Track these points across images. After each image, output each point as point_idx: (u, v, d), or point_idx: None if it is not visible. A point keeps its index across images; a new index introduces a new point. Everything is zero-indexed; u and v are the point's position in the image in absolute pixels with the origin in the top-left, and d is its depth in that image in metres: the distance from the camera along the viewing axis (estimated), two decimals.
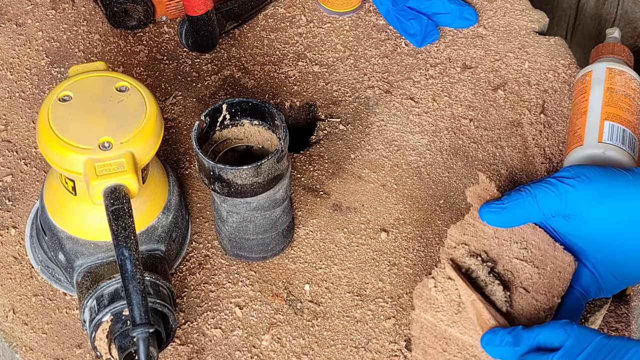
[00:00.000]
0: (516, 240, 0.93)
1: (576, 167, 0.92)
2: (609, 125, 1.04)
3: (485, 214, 0.93)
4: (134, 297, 0.79)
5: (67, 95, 0.87)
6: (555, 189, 0.90)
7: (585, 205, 0.90)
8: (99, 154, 0.83)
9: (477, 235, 0.94)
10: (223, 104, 0.92)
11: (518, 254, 0.93)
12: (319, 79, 1.15)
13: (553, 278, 0.92)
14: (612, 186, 0.90)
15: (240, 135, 0.94)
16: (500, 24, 1.22)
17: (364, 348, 0.94)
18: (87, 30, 1.17)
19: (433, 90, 1.14)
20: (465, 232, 0.94)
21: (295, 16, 1.21)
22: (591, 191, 0.90)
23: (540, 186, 0.91)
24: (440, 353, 0.90)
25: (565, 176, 0.91)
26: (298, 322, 0.95)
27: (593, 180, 0.90)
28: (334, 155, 1.08)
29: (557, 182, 0.90)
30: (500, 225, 0.93)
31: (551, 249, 0.93)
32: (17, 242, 0.98)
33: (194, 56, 1.16)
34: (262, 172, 0.87)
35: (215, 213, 0.95)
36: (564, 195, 0.90)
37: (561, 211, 0.91)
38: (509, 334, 0.85)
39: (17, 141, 1.07)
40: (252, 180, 0.87)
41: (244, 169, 0.87)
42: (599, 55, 1.13)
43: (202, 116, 0.90)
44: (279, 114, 0.91)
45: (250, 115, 0.93)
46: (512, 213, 0.92)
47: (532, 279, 0.92)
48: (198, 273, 0.98)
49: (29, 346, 0.92)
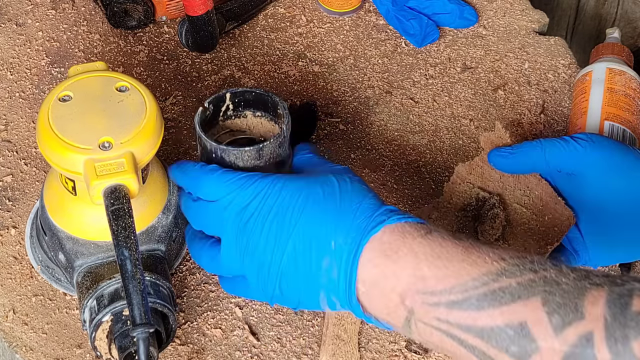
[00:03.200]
0: (520, 187, 0.96)
1: (594, 134, 0.94)
2: (609, 125, 1.04)
3: (493, 157, 0.96)
4: (134, 297, 0.79)
5: (67, 95, 0.87)
6: (566, 145, 0.92)
7: (589, 167, 0.91)
8: (99, 154, 0.83)
9: (483, 177, 0.96)
10: (227, 93, 0.92)
11: (520, 200, 0.95)
12: (319, 79, 1.15)
13: (549, 228, 0.94)
14: (620, 156, 0.91)
15: (243, 126, 0.94)
16: (500, 24, 1.22)
17: (364, 348, 0.94)
18: (87, 30, 1.17)
19: (433, 90, 1.15)
20: (472, 171, 0.97)
21: (295, 16, 1.21)
22: (599, 155, 0.91)
23: (552, 140, 0.93)
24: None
25: (579, 137, 0.93)
26: (298, 322, 0.95)
27: (604, 146, 0.92)
28: (334, 155, 1.08)
29: (569, 139, 0.92)
30: (507, 170, 0.95)
31: (552, 202, 0.94)
32: (17, 242, 0.98)
33: (194, 56, 1.16)
34: (264, 155, 0.87)
35: None
36: (573, 152, 0.91)
37: (566, 167, 0.92)
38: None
39: (17, 141, 1.07)
40: (254, 163, 0.87)
41: (246, 151, 0.87)
42: (599, 55, 1.13)
43: (206, 103, 0.90)
44: (282, 102, 0.91)
45: (253, 107, 0.93)
46: (519, 159, 0.94)
47: (528, 225, 0.93)
48: (198, 273, 0.98)
49: (29, 346, 0.92)
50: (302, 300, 0.81)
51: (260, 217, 0.80)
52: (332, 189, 0.80)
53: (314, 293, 0.80)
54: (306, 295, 0.80)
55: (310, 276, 0.79)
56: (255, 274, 0.81)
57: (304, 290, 0.80)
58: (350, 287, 0.78)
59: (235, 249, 0.82)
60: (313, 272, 0.79)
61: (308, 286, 0.79)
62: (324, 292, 0.79)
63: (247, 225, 0.81)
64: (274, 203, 0.80)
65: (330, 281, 0.78)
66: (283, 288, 0.81)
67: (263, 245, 0.80)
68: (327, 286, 0.79)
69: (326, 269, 0.78)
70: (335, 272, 0.78)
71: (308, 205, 0.79)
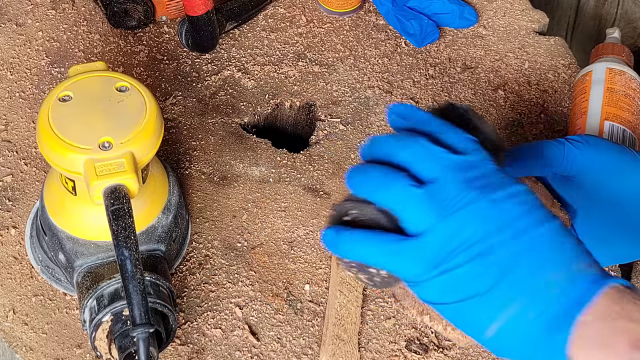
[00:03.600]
0: None
1: (589, 135, 0.92)
2: (609, 125, 1.04)
3: None
4: (134, 297, 0.79)
5: (67, 95, 0.87)
6: (561, 147, 0.90)
7: (585, 168, 0.90)
8: (99, 154, 0.83)
9: None
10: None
11: None
12: (319, 79, 1.15)
13: None
14: (616, 157, 0.90)
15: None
16: (500, 24, 1.22)
17: (364, 348, 0.94)
18: (87, 30, 1.17)
19: (433, 90, 1.14)
20: None
21: (295, 16, 1.21)
22: (595, 156, 0.90)
23: (549, 142, 0.91)
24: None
25: (575, 139, 0.91)
26: (298, 322, 0.95)
27: (599, 148, 0.90)
28: (334, 155, 1.08)
29: (564, 141, 0.91)
30: None
31: (549, 204, 0.94)
32: (17, 242, 0.98)
33: (194, 56, 1.16)
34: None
35: None
36: (569, 154, 0.90)
37: (562, 169, 0.91)
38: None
39: (17, 141, 1.07)
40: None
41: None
42: (599, 55, 1.13)
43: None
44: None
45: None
46: (515, 162, 0.92)
47: None
48: (198, 273, 0.98)
49: (29, 346, 0.92)
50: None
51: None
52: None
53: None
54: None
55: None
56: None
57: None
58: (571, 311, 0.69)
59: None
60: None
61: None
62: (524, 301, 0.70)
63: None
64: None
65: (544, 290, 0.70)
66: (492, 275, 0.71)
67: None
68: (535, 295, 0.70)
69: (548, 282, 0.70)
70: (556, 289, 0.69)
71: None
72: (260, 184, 1.05)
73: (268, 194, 1.04)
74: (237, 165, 1.06)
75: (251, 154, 1.08)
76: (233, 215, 1.02)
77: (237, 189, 1.04)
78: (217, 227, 1.01)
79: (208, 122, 1.10)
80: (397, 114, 0.78)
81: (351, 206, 0.74)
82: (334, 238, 0.74)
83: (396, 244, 0.71)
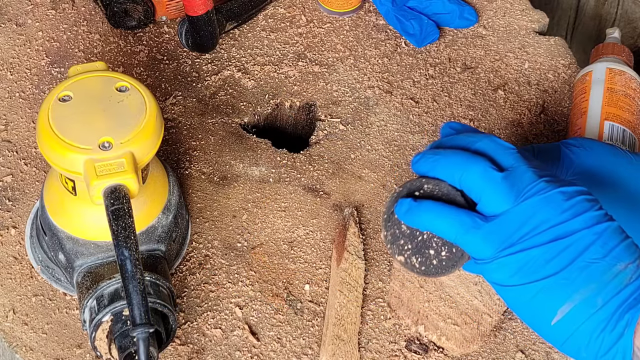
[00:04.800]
0: None
1: (584, 138, 0.93)
2: (609, 125, 1.04)
3: None
4: (134, 297, 0.79)
5: (67, 95, 0.87)
6: (557, 152, 0.91)
7: (581, 172, 0.90)
8: (99, 154, 0.83)
9: None
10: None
11: None
12: (319, 79, 1.15)
13: None
14: (611, 160, 0.90)
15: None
16: (500, 24, 1.22)
17: (364, 348, 0.94)
18: (87, 30, 1.17)
19: (433, 90, 1.15)
20: None
21: (295, 16, 1.21)
22: (590, 160, 0.90)
23: (544, 145, 0.92)
24: (417, 288, 0.93)
25: (570, 143, 0.92)
26: (298, 322, 0.95)
27: (595, 151, 0.91)
28: (334, 155, 1.08)
29: (560, 145, 0.91)
30: None
31: None
32: (17, 242, 0.98)
33: (194, 56, 1.16)
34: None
35: None
36: (564, 159, 0.90)
37: (558, 173, 0.91)
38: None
39: (17, 141, 1.06)
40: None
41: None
42: (599, 55, 1.13)
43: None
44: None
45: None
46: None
47: None
48: (198, 273, 0.98)
49: (29, 346, 0.92)
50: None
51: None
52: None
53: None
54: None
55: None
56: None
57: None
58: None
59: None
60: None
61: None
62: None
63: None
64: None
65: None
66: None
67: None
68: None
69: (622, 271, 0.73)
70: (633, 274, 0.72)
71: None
72: (260, 184, 1.05)
73: (268, 194, 1.04)
74: (237, 165, 1.06)
75: (251, 154, 1.08)
76: (233, 215, 1.02)
77: (237, 189, 1.04)
78: (217, 227, 1.01)
79: (208, 122, 1.10)
80: (452, 128, 0.82)
81: (424, 182, 0.77)
82: (413, 206, 0.77)
83: (475, 219, 0.75)
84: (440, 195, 0.77)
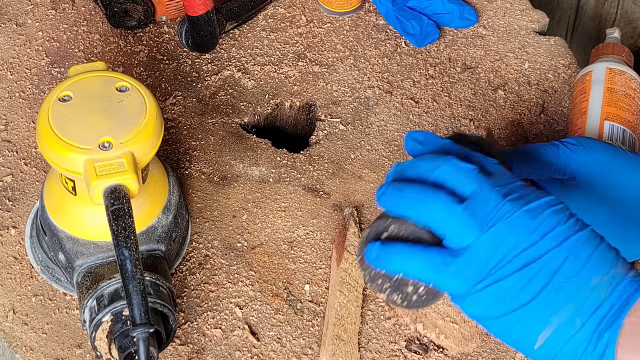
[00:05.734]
0: None
1: (583, 137, 0.92)
2: (609, 125, 1.04)
3: None
4: (134, 297, 0.79)
5: (67, 95, 0.87)
6: (556, 150, 0.90)
7: (580, 171, 0.90)
8: (99, 154, 0.83)
9: None
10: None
11: None
12: (319, 79, 1.15)
13: None
14: (610, 159, 0.90)
15: None
16: (500, 24, 1.22)
17: (364, 348, 0.94)
18: (87, 30, 1.17)
19: (433, 90, 1.15)
20: None
21: (295, 16, 1.21)
22: (589, 158, 0.90)
23: (543, 145, 0.91)
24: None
25: (569, 142, 0.91)
26: (298, 322, 0.95)
27: (594, 150, 0.90)
28: (334, 155, 1.08)
29: (559, 143, 0.91)
30: None
31: None
32: (17, 242, 0.98)
33: (194, 56, 1.16)
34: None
35: None
36: (563, 157, 0.90)
37: (556, 172, 0.91)
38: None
39: (17, 141, 1.07)
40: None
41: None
42: (599, 55, 1.13)
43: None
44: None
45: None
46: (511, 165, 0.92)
47: None
48: (198, 273, 0.98)
49: (29, 346, 0.92)
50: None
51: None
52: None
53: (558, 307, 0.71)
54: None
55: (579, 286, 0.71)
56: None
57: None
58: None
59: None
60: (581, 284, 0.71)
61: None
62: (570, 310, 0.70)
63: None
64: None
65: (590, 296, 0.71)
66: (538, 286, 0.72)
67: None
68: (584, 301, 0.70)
69: (595, 286, 0.70)
70: (604, 291, 0.70)
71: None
72: (260, 184, 1.05)
73: (268, 194, 1.04)
74: (237, 165, 1.06)
75: (251, 154, 1.08)
76: (233, 215, 1.02)
77: (237, 189, 1.04)
78: (217, 227, 1.01)
79: (208, 122, 1.10)
80: (415, 140, 0.79)
81: (389, 222, 0.75)
82: (380, 251, 0.74)
83: (443, 257, 0.72)
84: (407, 236, 0.74)
